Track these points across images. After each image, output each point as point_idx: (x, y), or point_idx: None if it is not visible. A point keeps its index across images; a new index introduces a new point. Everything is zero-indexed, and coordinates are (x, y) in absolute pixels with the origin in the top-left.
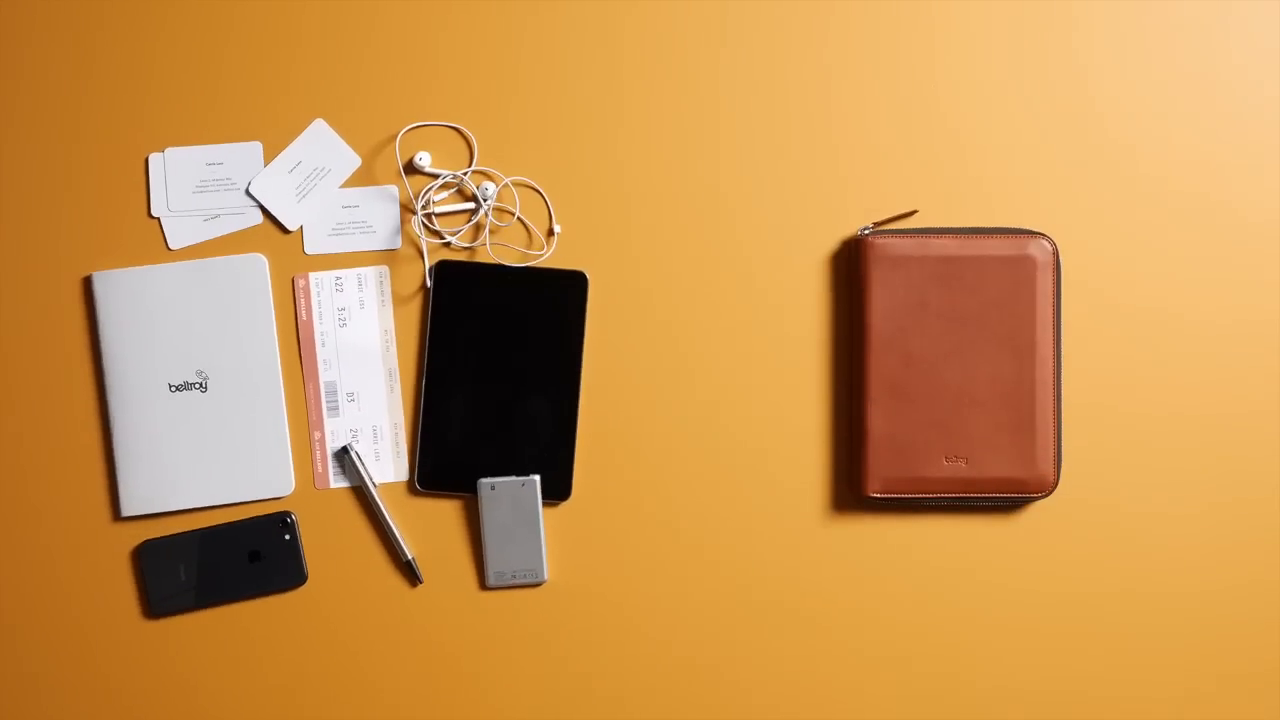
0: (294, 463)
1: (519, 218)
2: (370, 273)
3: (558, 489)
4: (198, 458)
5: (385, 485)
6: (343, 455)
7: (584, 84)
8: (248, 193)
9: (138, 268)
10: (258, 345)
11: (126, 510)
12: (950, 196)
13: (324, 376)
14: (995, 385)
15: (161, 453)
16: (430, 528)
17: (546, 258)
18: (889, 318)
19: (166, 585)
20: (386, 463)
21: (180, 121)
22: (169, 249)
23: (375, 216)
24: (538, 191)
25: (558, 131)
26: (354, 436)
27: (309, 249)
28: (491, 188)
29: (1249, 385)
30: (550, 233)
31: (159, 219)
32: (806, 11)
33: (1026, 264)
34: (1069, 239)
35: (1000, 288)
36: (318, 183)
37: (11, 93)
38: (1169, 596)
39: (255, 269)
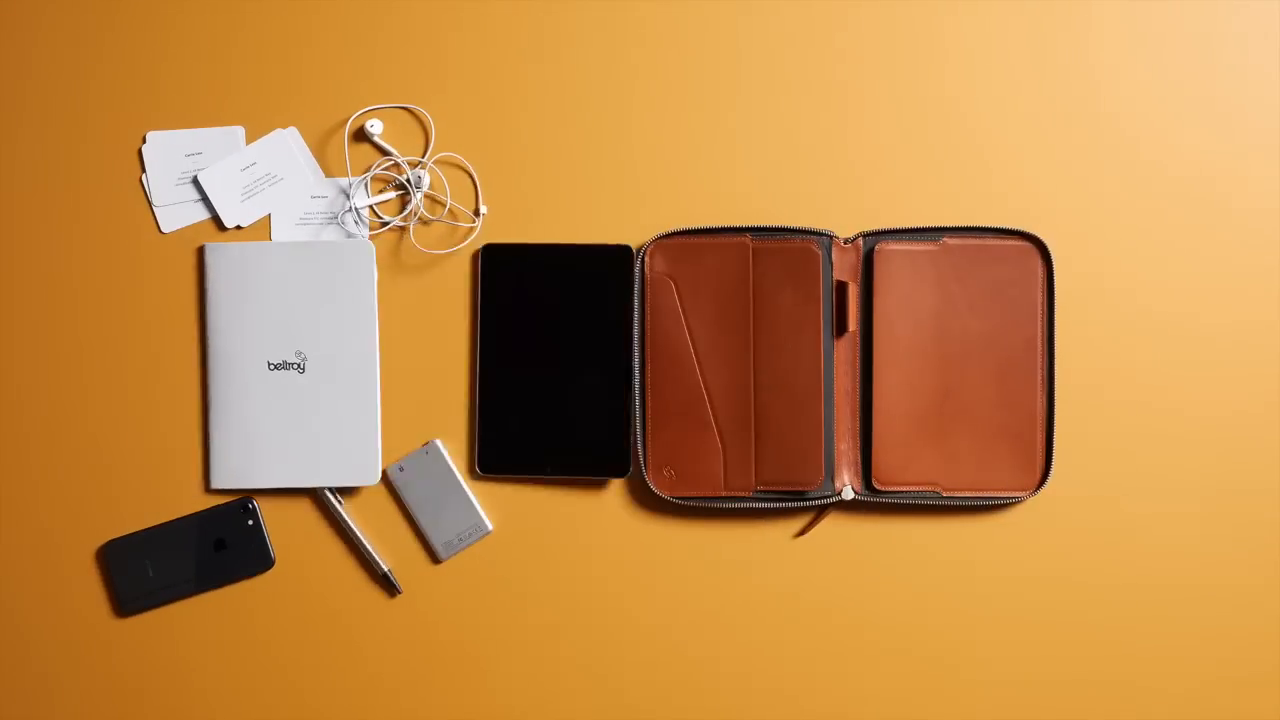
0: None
1: (451, 206)
2: None
3: (617, 465)
4: (289, 438)
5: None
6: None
7: (559, 76)
8: (195, 181)
9: (248, 242)
10: (358, 331)
11: (216, 483)
12: (945, 197)
13: None
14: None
15: (255, 429)
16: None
17: (474, 238)
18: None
19: (135, 584)
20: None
21: (174, 103)
22: (161, 232)
23: (340, 208)
24: (469, 173)
25: (530, 115)
26: None
27: (276, 238)
28: (425, 176)
29: (1243, 386)
30: (476, 212)
31: (151, 202)
32: (806, 12)
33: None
34: (1064, 240)
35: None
36: (266, 188)
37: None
38: (1159, 596)
39: (362, 254)
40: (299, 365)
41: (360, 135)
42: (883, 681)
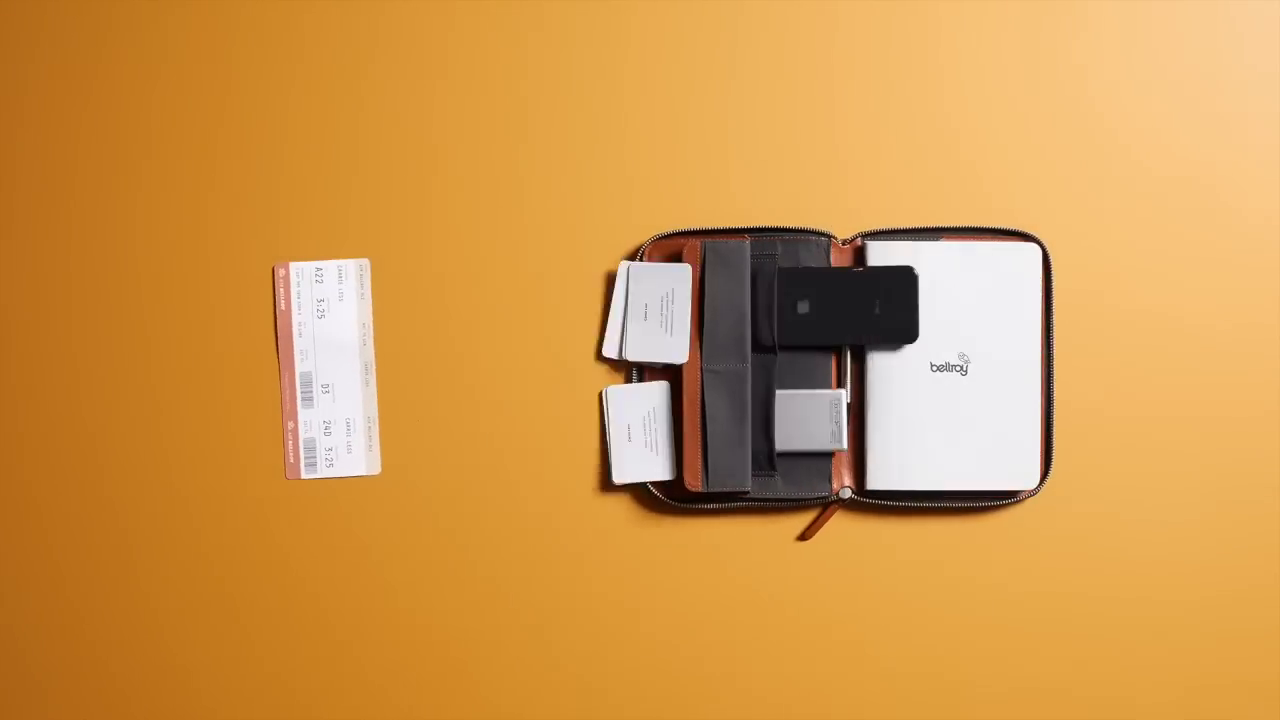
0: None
1: None
2: (350, 265)
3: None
4: (949, 440)
5: (356, 478)
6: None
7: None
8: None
9: (910, 242)
10: (1021, 334)
11: (871, 484)
12: (945, 197)
13: (300, 367)
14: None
15: (913, 431)
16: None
17: None
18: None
19: (788, 316)
20: (358, 455)
21: None
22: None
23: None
24: None
25: None
26: (326, 428)
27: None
28: None
29: (1243, 386)
30: None
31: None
32: (798, 10)
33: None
34: (1065, 240)
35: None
36: (671, 307)
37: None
38: (1167, 597)
39: (1028, 258)
40: (961, 368)
41: None
42: (884, 682)
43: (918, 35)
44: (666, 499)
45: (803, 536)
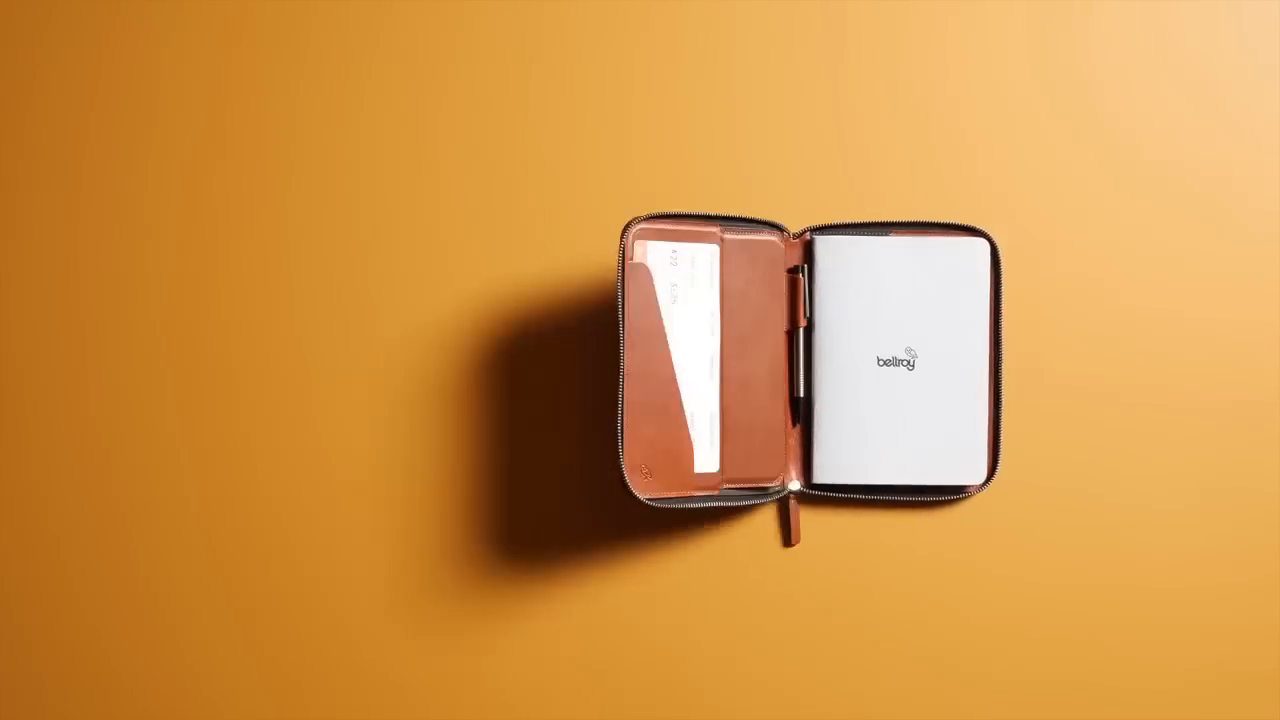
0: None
1: None
2: (703, 250)
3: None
4: (896, 435)
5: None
6: None
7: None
8: None
9: (857, 236)
10: (969, 330)
11: (818, 478)
12: (914, 193)
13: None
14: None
15: (860, 426)
16: None
17: None
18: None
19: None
20: (701, 451)
21: None
22: None
23: None
24: None
25: None
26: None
27: None
28: None
29: (1191, 382)
30: None
31: None
32: (758, 6)
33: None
34: (1012, 235)
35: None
36: None
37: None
38: (1104, 593)
39: (976, 253)
40: (909, 362)
41: None
42: (851, 675)
43: (913, 34)
44: (645, 499)
45: (788, 544)
